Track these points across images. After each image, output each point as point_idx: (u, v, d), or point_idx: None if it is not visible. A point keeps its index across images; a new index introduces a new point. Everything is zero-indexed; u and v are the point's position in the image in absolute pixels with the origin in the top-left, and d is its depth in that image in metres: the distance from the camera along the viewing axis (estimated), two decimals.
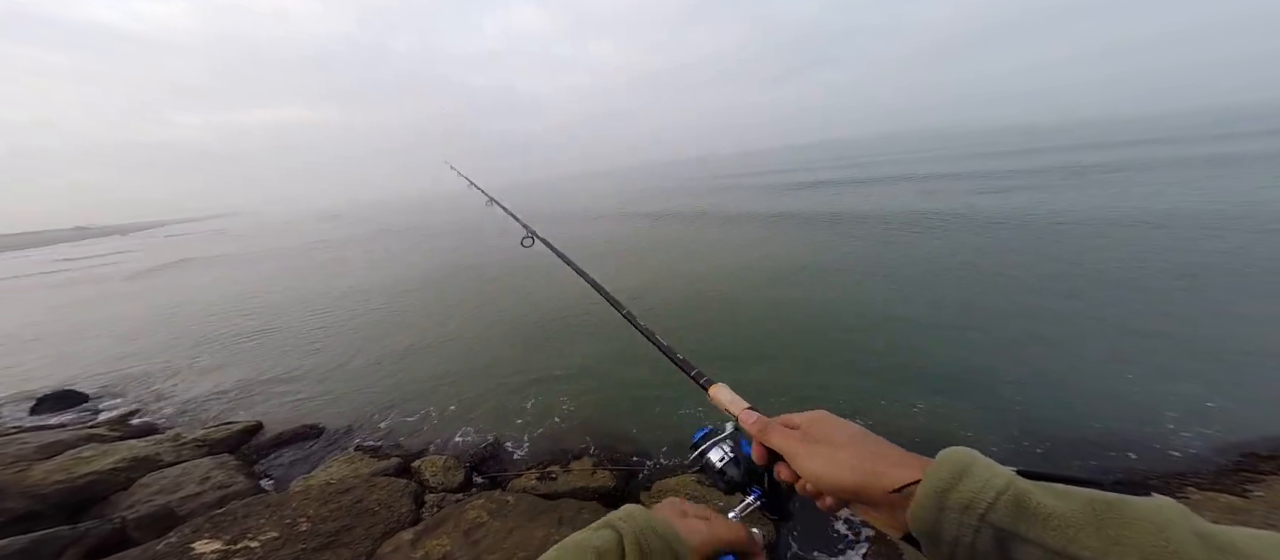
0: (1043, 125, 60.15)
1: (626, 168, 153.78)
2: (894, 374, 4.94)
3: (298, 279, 15.54)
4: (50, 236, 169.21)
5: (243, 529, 3.12)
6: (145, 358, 8.56)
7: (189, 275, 20.00)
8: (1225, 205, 10.01)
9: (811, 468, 0.58)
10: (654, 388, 5.15)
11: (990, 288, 7.01)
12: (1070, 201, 12.42)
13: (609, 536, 0.56)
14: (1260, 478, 2.94)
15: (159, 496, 3.94)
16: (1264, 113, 43.65)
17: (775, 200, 20.73)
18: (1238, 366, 4.32)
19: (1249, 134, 25.06)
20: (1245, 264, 6.62)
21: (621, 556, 0.54)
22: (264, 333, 9.40)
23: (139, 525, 3.51)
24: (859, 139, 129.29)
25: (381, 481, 3.69)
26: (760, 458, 0.68)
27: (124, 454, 4.57)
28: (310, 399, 6.18)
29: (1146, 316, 5.46)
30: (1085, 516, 0.38)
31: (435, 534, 3.04)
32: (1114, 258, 7.57)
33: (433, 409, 5.47)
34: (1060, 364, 4.74)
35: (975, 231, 10.53)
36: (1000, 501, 0.42)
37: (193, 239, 52.77)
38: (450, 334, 7.97)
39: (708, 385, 0.84)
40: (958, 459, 0.47)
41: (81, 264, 33.34)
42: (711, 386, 0.83)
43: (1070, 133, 40.45)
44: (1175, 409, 3.88)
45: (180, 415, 6.16)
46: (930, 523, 0.46)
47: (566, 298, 8.75)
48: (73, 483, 4.13)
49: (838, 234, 12.19)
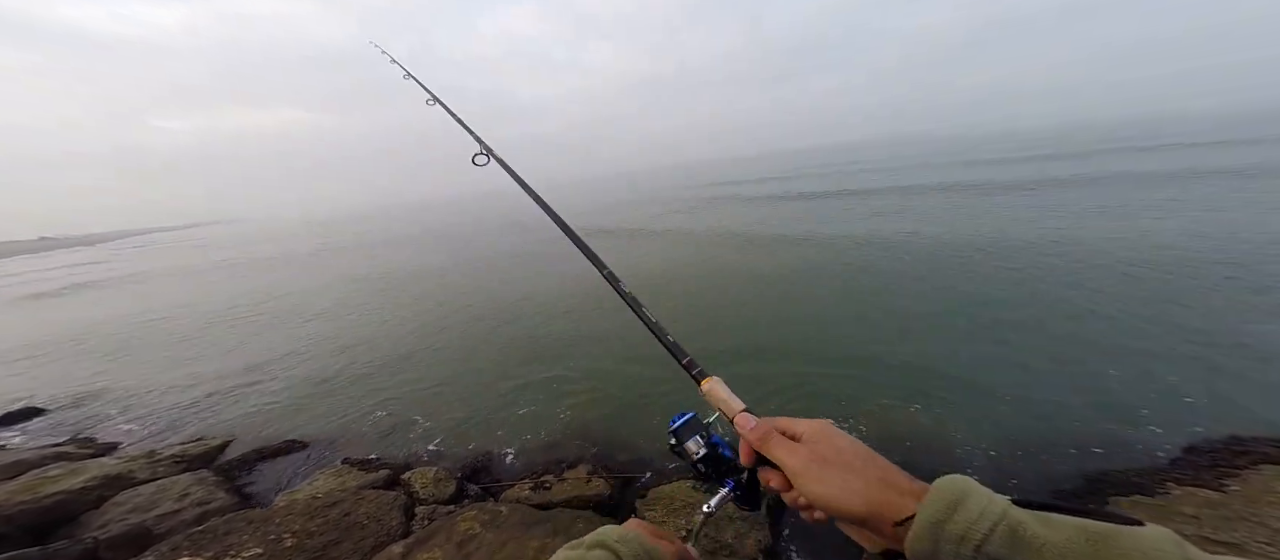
0: (1024, 131, 62.35)
1: (629, 172, 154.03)
2: (891, 373, 5.02)
3: (275, 290, 15.18)
4: (7, 248, 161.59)
5: (224, 546, 3.01)
6: (109, 375, 8.25)
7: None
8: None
9: (819, 491, 0.56)
10: (649, 394, 5.13)
11: (978, 286, 7.18)
12: (1063, 202, 12.84)
13: (607, 557, 0.59)
14: (1236, 472, 3.04)
15: (133, 515, 3.77)
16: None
17: (772, 208, 20.99)
18: (1216, 363, 4.48)
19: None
20: (1218, 266, 6.90)
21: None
22: (238, 346, 9.14)
23: (112, 545, 3.35)
24: (862, 141, 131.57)
25: (370, 494, 3.60)
26: (748, 458, 0.67)
27: (94, 472, 4.38)
28: (293, 411, 6.00)
29: (1127, 317, 5.65)
30: (1078, 547, 0.39)
31: (426, 547, 2.96)
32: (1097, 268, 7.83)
33: (422, 419, 5.36)
34: (1047, 366, 4.86)
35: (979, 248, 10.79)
36: (995, 533, 0.43)
37: (153, 251, 50.57)
38: (439, 342, 7.84)
39: (701, 377, 0.80)
40: (953, 489, 0.48)
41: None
42: (705, 379, 0.79)
43: (1067, 139, 41.65)
44: (1152, 408, 4.00)
45: (151, 431, 5.92)
46: (927, 554, 0.46)
47: (558, 304, 8.71)
48: (39, 503, 3.93)
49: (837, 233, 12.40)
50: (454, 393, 5.95)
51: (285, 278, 17.95)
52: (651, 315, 0.96)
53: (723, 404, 0.74)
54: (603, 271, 1.13)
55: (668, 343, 0.90)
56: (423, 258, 18.83)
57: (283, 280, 17.34)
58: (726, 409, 0.73)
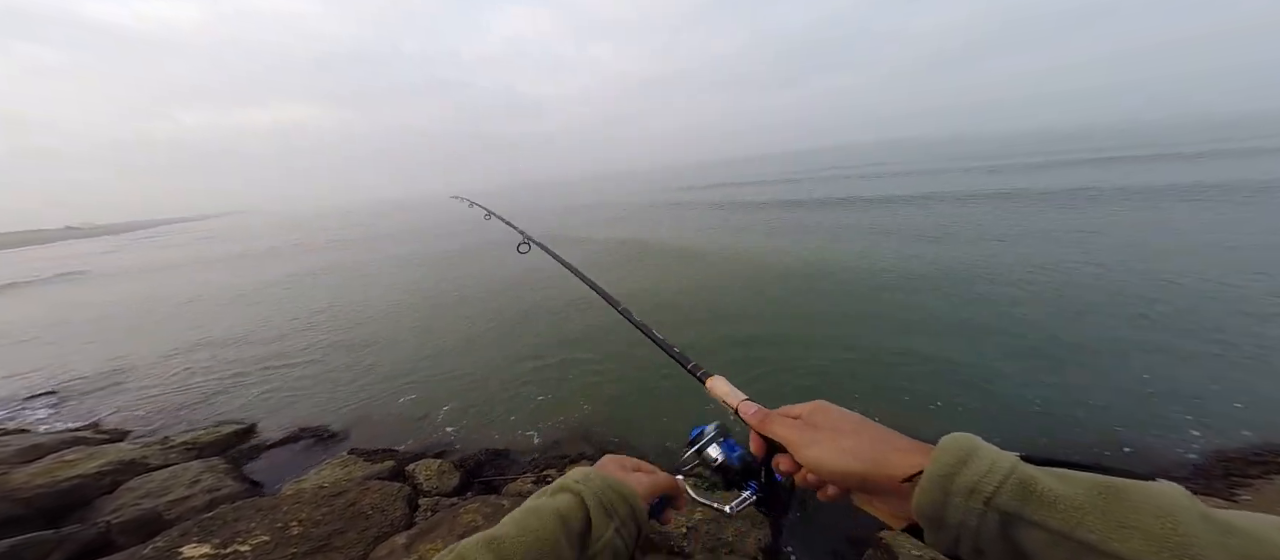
0: (1011, 134, 61.73)
1: (631, 172, 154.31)
2: (896, 361, 4.98)
3: (292, 285, 15.39)
4: (38, 236, 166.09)
5: (232, 532, 3.06)
6: (128, 359, 8.44)
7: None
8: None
9: (814, 455, 0.57)
10: (652, 388, 5.15)
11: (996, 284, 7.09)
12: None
13: (570, 500, 0.59)
14: (1248, 482, 2.98)
15: (145, 500, 3.86)
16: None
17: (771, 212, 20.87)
18: (1232, 371, 4.39)
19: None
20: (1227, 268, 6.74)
21: (586, 516, 0.58)
22: (253, 340, 9.29)
23: (124, 529, 3.43)
24: (861, 144, 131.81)
25: (375, 485, 3.64)
26: (758, 449, 0.68)
27: (110, 457, 4.48)
28: (303, 402, 6.09)
29: (1129, 324, 5.54)
30: (1091, 500, 0.38)
31: (429, 538, 2.99)
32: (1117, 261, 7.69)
33: (428, 412, 5.42)
34: (1054, 365, 4.79)
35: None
36: (1006, 485, 0.42)
37: (167, 241, 51.86)
38: (445, 336, 7.91)
39: (705, 377, 0.84)
40: (962, 444, 0.47)
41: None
42: (709, 378, 0.83)
43: (1080, 139, 41.18)
44: (1165, 413, 3.93)
45: (165, 418, 6.05)
46: (935, 508, 0.45)
47: (562, 299, 8.73)
48: (55, 486, 4.03)
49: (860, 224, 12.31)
50: (460, 386, 6.00)
51: (296, 268, 18.21)
52: (660, 334, 1.04)
53: (726, 397, 0.78)
54: (618, 308, 1.29)
55: (675, 353, 0.97)
56: (433, 253, 18.97)
57: (292, 270, 17.59)
58: (730, 401, 0.76)
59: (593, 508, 0.59)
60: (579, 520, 0.58)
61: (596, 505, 0.59)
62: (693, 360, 0.90)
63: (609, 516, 0.59)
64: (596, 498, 0.60)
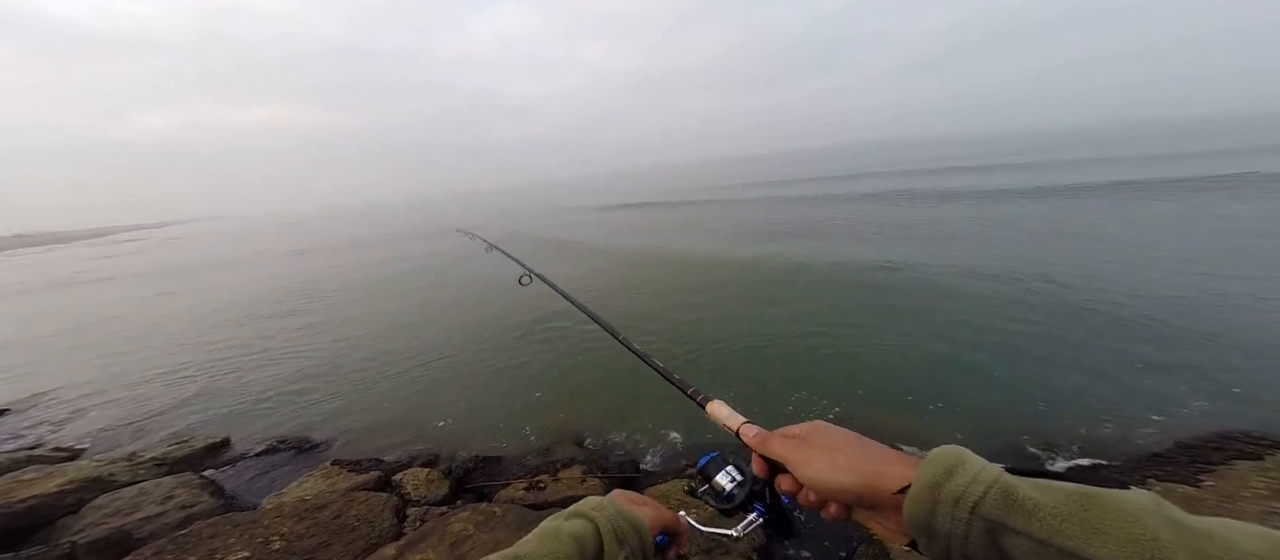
0: (999, 135, 64.31)
1: (623, 172, 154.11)
2: (873, 376, 5.09)
3: (265, 285, 14.86)
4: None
5: (209, 550, 2.94)
6: (85, 374, 8.01)
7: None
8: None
9: (811, 473, 0.59)
10: (644, 395, 5.13)
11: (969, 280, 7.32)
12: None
13: (585, 525, 0.63)
14: (1212, 468, 3.15)
15: (113, 519, 3.66)
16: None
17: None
18: (1204, 361, 4.62)
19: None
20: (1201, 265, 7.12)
21: (599, 542, 0.61)
22: (225, 344, 8.93)
23: (91, 549, 3.25)
24: (858, 144, 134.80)
25: (361, 496, 3.54)
26: (761, 471, 0.69)
27: (71, 475, 4.24)
28: (280, 412, 5.89)
29: (1106, 314, 5.80)
30: (1069, 508, 0.41)
31: (419, 549, 2.92)
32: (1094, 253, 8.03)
33: (414, 419, 5.30)
34: (1022, 364, 4.97)
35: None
36: (990, 495, 0.45)
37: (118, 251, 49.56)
38: (430, 342, 7.75)
39: (705, 402, 0.84)
40: (948, 456, 0.50)
41: None
42: (709, 403, 0.83)
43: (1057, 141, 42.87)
44: (1131, 404, 4.11)
45: (131, 432, 5.75)
46: (924, 518, 0.48)
47: (553, 306, 8.65)
48: (11, 507, 3.80)
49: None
50: (447, 393, 5.89)
51: (267, 274, 17.60)
52: (659, 362, 1.07)
53: (726, 421, 0.78)
54: (618, 338, 1.31)
55: (675, 381, 0.98)
56: (409, 254, 18.59)
57: (263, 276, 16.99)
58: (730, 424, 0.77)
59: (606, 535, 0.62)
60: (593, 545, 0.61)
61: (610, 532, 0.62)
62: (692, 386, 0.90)
63: (620, 544, 0.62)
64: (610, 525, 0.63)
